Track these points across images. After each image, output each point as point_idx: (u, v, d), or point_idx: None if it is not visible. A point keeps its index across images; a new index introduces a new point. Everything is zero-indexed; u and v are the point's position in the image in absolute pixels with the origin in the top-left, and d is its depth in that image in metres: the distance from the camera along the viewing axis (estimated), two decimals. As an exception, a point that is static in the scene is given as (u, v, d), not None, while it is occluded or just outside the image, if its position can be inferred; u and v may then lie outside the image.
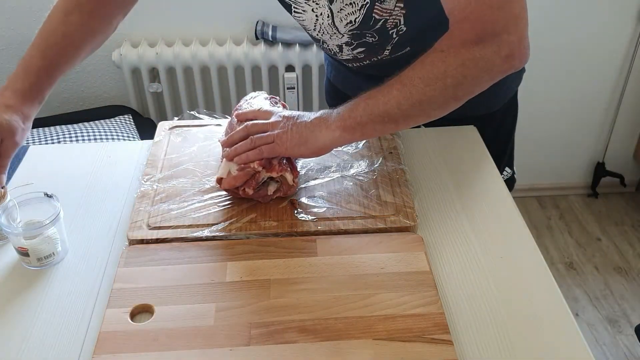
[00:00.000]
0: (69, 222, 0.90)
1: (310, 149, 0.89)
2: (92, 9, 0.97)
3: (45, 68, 0.94)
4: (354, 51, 1.02)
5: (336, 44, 1.02)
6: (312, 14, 0.97)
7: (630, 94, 2.17)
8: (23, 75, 0.93)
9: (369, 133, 0.87)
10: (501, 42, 0.79)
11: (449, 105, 0.85)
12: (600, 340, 1.83)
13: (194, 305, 0.76)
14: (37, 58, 0.94)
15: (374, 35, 0.96)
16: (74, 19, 0.96)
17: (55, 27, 0.95)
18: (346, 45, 1.02)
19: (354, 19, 0.93)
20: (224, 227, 0.88)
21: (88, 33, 0.98)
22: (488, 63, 0.80)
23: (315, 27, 1.00)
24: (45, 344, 0.73)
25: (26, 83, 0.93)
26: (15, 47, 1.90)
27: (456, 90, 0.82)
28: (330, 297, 0.77)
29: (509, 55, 0.80)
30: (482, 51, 0.80)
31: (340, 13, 0.94)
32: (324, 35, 1.02)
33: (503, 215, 0.92)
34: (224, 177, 0.90)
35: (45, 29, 0.96)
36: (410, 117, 0.85)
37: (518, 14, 0.80)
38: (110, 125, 1.86)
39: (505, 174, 1.25)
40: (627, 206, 2.36)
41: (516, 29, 0.80)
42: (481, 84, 0.84)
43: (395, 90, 0.83)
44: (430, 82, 0.81)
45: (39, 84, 0.94)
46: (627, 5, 1.99)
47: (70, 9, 0.96)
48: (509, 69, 0.83)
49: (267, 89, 1.96)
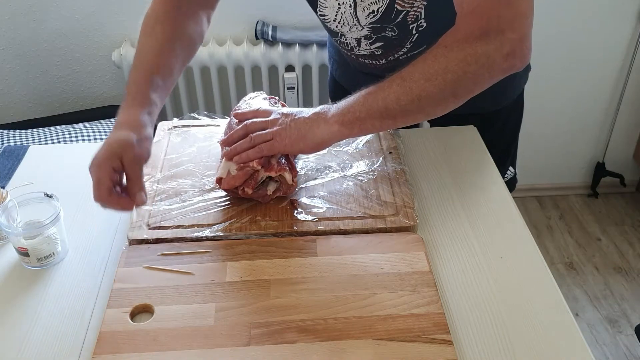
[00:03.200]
0: (69, 222, 0.90)
1: (308, 145, 0.89)
2: (174, 17, 0.97)
3: (142, 75, 0.91)
4: (372, 46, 1.01)
5: (355, 37, 1.01)
6: (334, 2, 0.97)
7: (630, 94, 2.17)
8: (126, 94, 0.89)
9: (367, 129, 0.87)
10: (504, 39, 0.80)
11: (448, 103, 0.85)
12: (600, 340, 1.83)
13: (194, 305, 0.76)
14: (134, 72, 0.92)
15: (393, 30, 0.96)
16: (159, 31, 0.95)
17: (144, 42, 0.95)
18: (365, 39, 1.01)
19: (377, 9, 0.93)
20: (224, 227, 0.88)
21: (176, 38, 0.96)
22: (489, 60, 0.80)
23: (336, 17, 0.99)
24: (45, 344, 0.73)
25: (129, 96, 0.89)
26: (15, 47, 1.91)
27: (455, 87, 0.82)
28: (330, 297, 0.77)
29: (510, 54, 0.80)
30: (484, 47, 0.80)
31: (363, 2, 0.93)
32: (343, 27, 1.00)
33: (503, 215, 0.92)
34: (223, 177, 0.90)
35: (137, 51, 0.94)
36: (408, 113, 0.84)
37: (524, 13, 0.80)
38: (110, 125, 1.86)
39: (508, 174, 1.25)
40: (627, 206, 2.36)
41: (520, 28, 0.80)
42: (481, 82, 0.83)
43: (395, 85, 0.83)
44: (430, 77, 0.81)
45: (141, 90, 0.89)
46: (627, 5, 1.98)
47: (152, 27, 0.96)
48: (509, 69, 0.83)
49: (267, 89, 1.96)
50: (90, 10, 1.86)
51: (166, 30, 0.95)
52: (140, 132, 0.84)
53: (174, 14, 0.97)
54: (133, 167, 0.81)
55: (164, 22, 0.96)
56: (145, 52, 0.94)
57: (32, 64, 1.95)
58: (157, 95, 0.90)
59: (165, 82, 0.92)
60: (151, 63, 0.92)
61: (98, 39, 1.92)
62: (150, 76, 0.90)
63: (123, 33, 1.91)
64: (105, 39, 1.92)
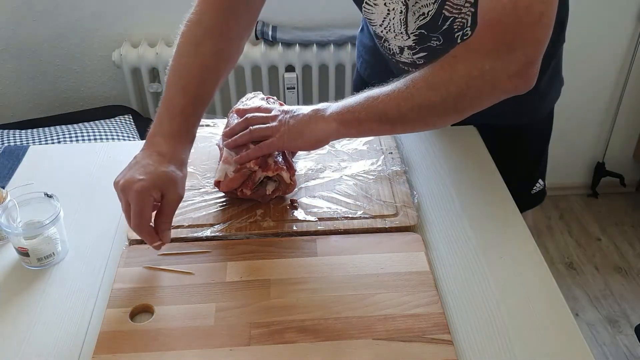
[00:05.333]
0: (69, 222, 0.90)
1: (306, 141, 0.88)
2: (221, 33, 0.90)
3: (189, 105, 0.87)
4: (415, 56, 1.00)
5: (399, 45, 1.00)
6: (383, 8, 0.95)
7: (630, 94, 2.17)
8: (168, 117, 0.85)
9: (364, 131, 0.86)
10: (514, 59, 0.77)
11: (448, 116, 0.83)
12: (600, 340, 1.83)
13: (194, 305, 0.76)
14: (178, 97, 0.86)
15: (439, 39, 0.94)
16: (206, 49, 0.89)
17: (189, 61, 0.88)
18: (408, 49, 0.99)
19: (427, 12, 0.91)
20: (224, 227, 0.88)
21: (222, 59, 0.91)
22: (494, 78, 0.78)
23: (383, 22, 0.98)
24: (45, 344, 0.73)
25: (174, 125, 0.85)
26: (15, 47, 1.91)
27: (457, 101, 0.80)
28: (330, 297, 0.77)
29: (516, 74, 0.78)
30: (492, 63, 0.78)
31: (414, 6, 0.91)
32: (389, 33, 0.99)
33: (503, 215, 0.92)
34: (221, 180, 0.90)
35: (179, 65, 0.88)
36: (407, 120, 0.83)
37: (540, 39, 0.77)
38: (110, 125, 1.86)
39: (537, 187, 1.23)
40: (627, 206, 2.36)
41: (532, 52, 0.78)
42: (483, 99, 0.81)
43: (398, 90, 0.82)
44: (433, 86, 0.80)
45: (187, 123, 0.86)
46: (627, 5, 1.98)
47: (199, 39, 0.89)
48: (514, 89, 0.80)
49: (267, 89, 1.96)
50: (90, 10, 1.86)
51: (214, 50, 0.89)
52: (183, 171, 0.83)
53: (223, 29, 0.90)
54: (171, 205, 0.81)
55: (213, 38, 0.89)
56: (192, 74, 0.88)
57: (32, 64, 1.95)
58: (197, 126, 0.88)
59: (206, 108, 0.90)
60: (198, 91, 0.88)
61: (98, 39, 1.92)
62: (196, 107, 0.87)
63: (123, 33, 1.91)
64: (105, 39, 1.92)
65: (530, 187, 1.21)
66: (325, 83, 1.99)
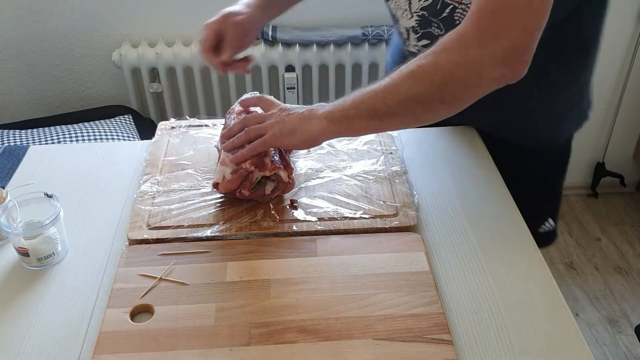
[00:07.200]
0: (69, 222, 0.90)
1: (298, 139, 0.87)
2: None
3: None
4: (419, 42, 1.00)
5: (405, 26, 1.00)
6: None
7: (630, 94, 2.17)
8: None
9: (355, 129, 0.85)
10: (499, 45, 0.75)
11: (435, 108, 0.81)
12: (600, 340, 1.83)
13: (194, 305, 0.76)
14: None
15: (440, 27, 0.94)
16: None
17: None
18: (413, 33, 0.99)
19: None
20: (224, 227, 0.88)
21: None
22: (479, 66, 0.76)
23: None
24: (45, 344, 0.73)
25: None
26: (15, 47, 1.91)
27: (442, 91, 0.78)
28: (330, 297, 0.77)
29: (502, 62, 0.76)
30: (477, 50, 0.76)
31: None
32: (397, 9, 1.00)
33: (503, 215, 0.92)
34: (219, 181, 0.90)
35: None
36: (395, 114, 0.81)
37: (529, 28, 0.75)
38: (110, 125, 1.86)
39: (547, 226, 1.17)
40: (627, 206, 2.36)
41: (520, 40, 0.76)
42: (468, 89, 0.79)
43: (385, 84, 0.81)
44: (417, 76, 0.79)
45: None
46: (627, 5, 1.98)
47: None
48: (500, 79, 0.78)
49: (267, 89, 1.96)
50: (90, 10, 1.86)
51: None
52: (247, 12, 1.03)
53: None
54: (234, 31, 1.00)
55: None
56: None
57: (32, 64, 1.95)
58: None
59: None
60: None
61: (98, 39, 1.92)
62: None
63: (123, 33, 1.91)
64: (105, 39, 1.92)
65: (537, 223, 1.14)
66: (325, 83, 1.99)
